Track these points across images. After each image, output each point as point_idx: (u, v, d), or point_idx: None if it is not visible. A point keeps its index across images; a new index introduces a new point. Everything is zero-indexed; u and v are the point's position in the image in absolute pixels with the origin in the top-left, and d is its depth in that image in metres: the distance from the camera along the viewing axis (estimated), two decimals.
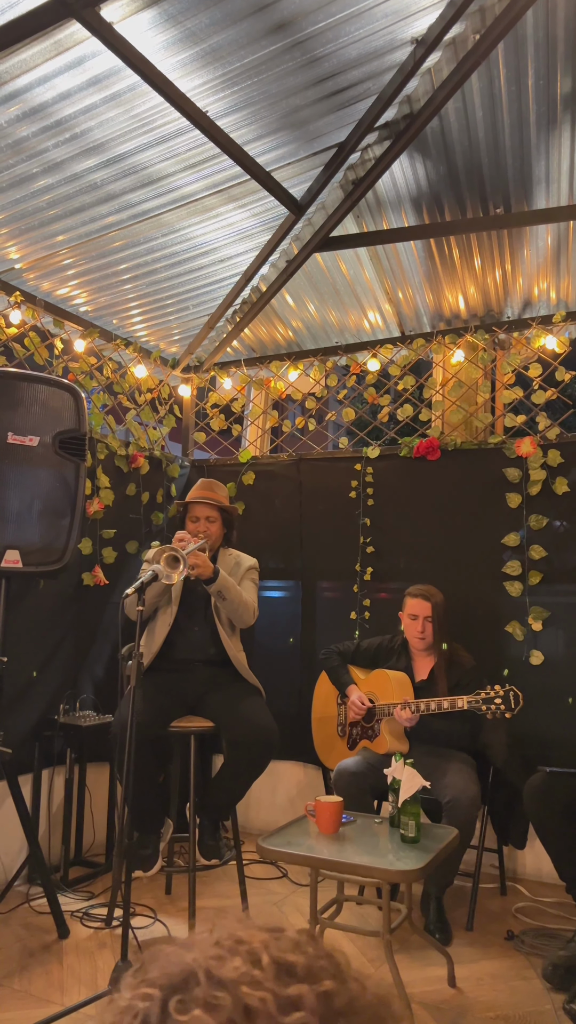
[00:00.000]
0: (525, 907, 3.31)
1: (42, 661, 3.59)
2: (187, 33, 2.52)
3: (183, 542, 3.05)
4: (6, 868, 3.21)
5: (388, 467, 4.15)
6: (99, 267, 3.76)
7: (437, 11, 2.61)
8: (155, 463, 4.41)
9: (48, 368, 3.84)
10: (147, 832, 3.01)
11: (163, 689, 3.06)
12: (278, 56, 2.64)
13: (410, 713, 3.13)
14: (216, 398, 4.81)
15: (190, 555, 2.88)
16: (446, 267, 3.98)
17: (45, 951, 2.79)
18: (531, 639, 3.68)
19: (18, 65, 2.55)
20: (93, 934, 2.95)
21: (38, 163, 3.02)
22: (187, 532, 3.23)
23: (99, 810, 3.77)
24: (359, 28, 2.58)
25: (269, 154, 3.18)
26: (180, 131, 2.93)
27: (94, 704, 3.79)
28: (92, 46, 2.50)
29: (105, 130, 2.89)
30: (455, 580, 3.75)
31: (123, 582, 3.91)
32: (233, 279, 4.08)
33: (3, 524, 2.77)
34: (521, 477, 3.78)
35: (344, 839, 2.60)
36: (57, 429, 2.89)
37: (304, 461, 4.38)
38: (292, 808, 4.00)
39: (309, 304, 4.39)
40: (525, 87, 2.89)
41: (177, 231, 3.58)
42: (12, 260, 3.59)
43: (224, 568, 3.24)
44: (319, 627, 4.19)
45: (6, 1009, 2.39)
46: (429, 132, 3.18)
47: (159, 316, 4.32)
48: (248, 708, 3.04)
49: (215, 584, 3.06)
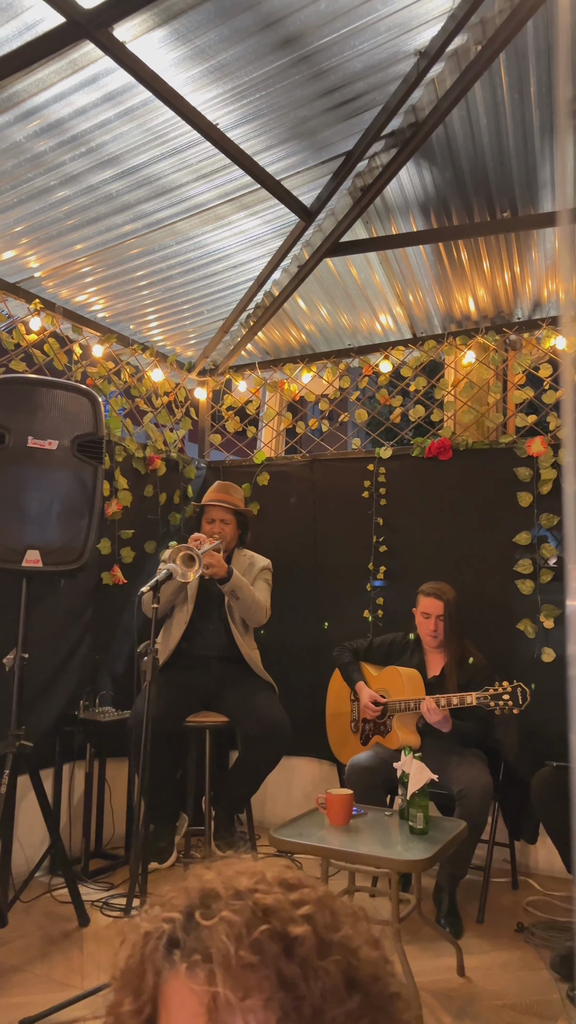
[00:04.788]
0: (536, 901, 3.36)
1: (62, 658, 3.69)
2: (197, 50, 2.60)
3: (198, 542, 3.13)
4: (29, 859, 3.30)
5: (400, 467, 4.20)
6: (116, 274, 3.86)
7: (439, 24, 2.68)
8: (172, 465, 4.50)
9: (67, 373, 3.94)
10: (163, 824, 3.09)
11: (179, 685, 3.14)
12: (286, 70, 2.72)
13: (437, 707, 3.16)
14: (231, 400, 4.89)
15: (205, 555, 2.96)
16: (455, 270, 4.03)
17: (66, 938, 2.89)
18: (543, 636, 3.71)
19: (36, 84, 2.65)
20: (112, 923, 3.03)
21: (56, 176, 3.11)
22: (203, 533, 3.32)
23: (118, 804, 3.86)
24: (364, 42, 2.65)
25: (279, 163, 3.27)
26: (192, 143, 3.02)
27: (113, 700, 3.88)
28: (106, 64, 2.59)
29: (120, 144, 2.99)
30: (467, 578, 3.79)
31: (141, 581, 4.00)
32: (246, 284, 4.16)
33: (24, 525, 2.87)
34: (532, 476, 3.82)
35: (354, 830, 2.67)
36: (75, 433, 2.97)
37: (318, 462, 4.45)
38: (307, 802, 4.05)
39: (321, 307, 4.46)
40: (527, 94, 2.94)
41: (191, 239, 3.67)
42: (32, 269, 3.69)
43: (238, 568, 3.32)
44: (333, 625, 4.24)
45: (29, 992, 2.49)
46: (435, 139, 3.24)
47: (175, 321, 4.42)
48: (261, 703, 3.12)
49: (228, 584, 3.14)
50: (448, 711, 3.18)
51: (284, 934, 0.64)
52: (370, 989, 0.66)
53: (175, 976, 0.65)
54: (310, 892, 0.68)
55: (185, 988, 0.63)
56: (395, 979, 0.69)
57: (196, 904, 0.67)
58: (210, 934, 0.63)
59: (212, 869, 0.72)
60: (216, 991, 0.61)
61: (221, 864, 0.72)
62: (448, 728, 3.20)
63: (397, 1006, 0.69)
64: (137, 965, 0.68)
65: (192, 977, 0.63)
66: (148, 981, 0.67)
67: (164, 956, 0.66)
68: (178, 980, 0.64)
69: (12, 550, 2.82)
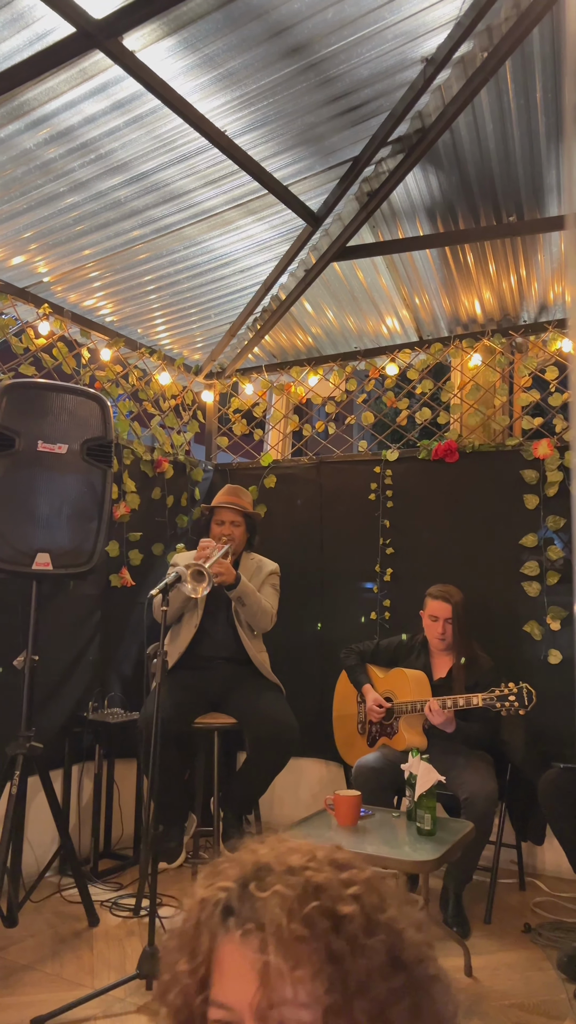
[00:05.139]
0: (543, 902, 3.37)
1: (72, 660, 3.72)
2: (205, 59, 2.63)
3: (207, 550, 3.14)
4: (39, 859, 3.33)
5: (407, 469, 4.21)
6: (124, 279, 3.89)
7: (446, 31, 2.70)
8: (179, 467, 4.52)
9: (75, 377, 3.97)
10: (171, 825, 3.12)
11: (187, 687, 3.17)
12: (293, 78, 2.75)
13: (441, 709, 3.18)
14: (238, 403, 4.92)
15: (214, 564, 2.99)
16: (461, 273, 4.05)
17: (76, 938, 2.91)
18: (549, 639, 3.73)
19: (46, 92, 2.68)
20: (122, 922, 3.06)
21: (65, 182, 3.14)
22: (212, 538, 3.35)
23: (127, 805, 3.89)
24: (370, 49, 2.68)
25: (286, 169, 3.29)
26: (200, 150, 3.05)
27: (122, 701, 3.91)
28: (115, 73, 2.62)
29: (128, 150, 3.02)
30: (473, 581, 3.80)
31: (149, 583, 4.03)
32: (253, 288, 4.19)
33: (34, 528, 2.90)
34: (538, 479, 3.83)
35: (362, 831, 2.69)
36: (85, 437, 3.00)
37: (324, 464, 4.47)
38: (315, 803, 4.08)
39: (328, 311, 4.49)
40: (534, 101, 2.96)
41: (199, 244, 3.70)
42: (41, 274, 3.72)
43: (246, 571, 3.35)
44: (339, 627, 4.26)
45: (40, 991, 2.51)
46: (441, 145, 3.26)
47: (182, 325, 4.45)
48: (269, 705, 3.14)
49: (236, 590, 3.17)
50: (452, 713, 3.19)
51: (334, 911, 0.68)
52: (413, 970, 0.69)
53: (229, 942, 0.69)
54: (359, 873, 0.72)
55: (239, 954, 0.68)
56: (436, 963, 0.72)
57: (250, 876, 0.71)
58: (264, 905, 0.68)
59: (266, 844, 0.76)
60: (268, 959, 0.65)
61: (274, 840, 0.77)
62: (452, 729, 3.22)
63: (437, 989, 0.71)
64: (193, 929, 0.72)
65: (246, 944, 0.67)
66: (203, 944, 0.71)
67: (220, 922, 0.70)
68: (232, 946, 0.69)
69: (22, 553, 2.85)
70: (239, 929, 0.68)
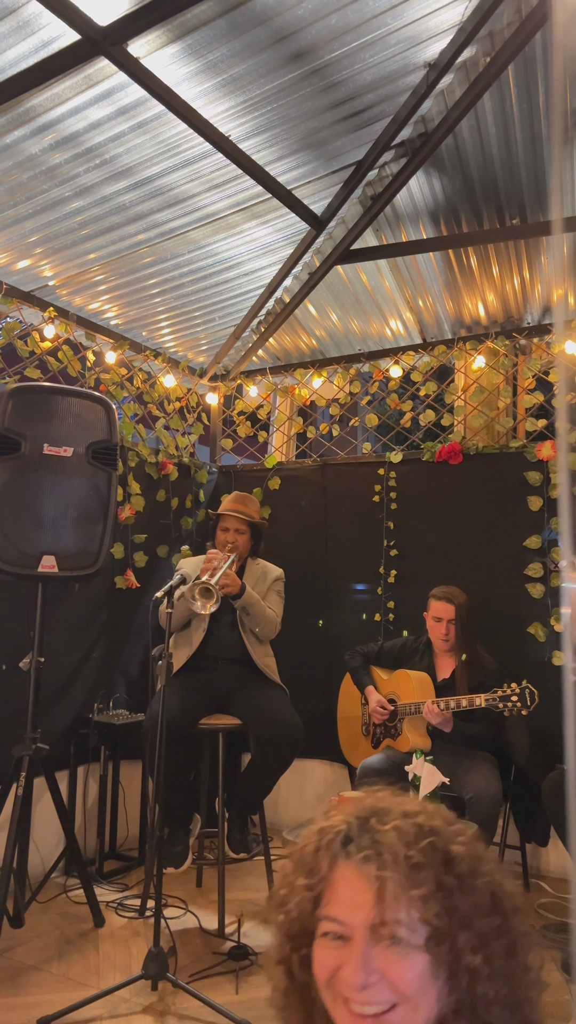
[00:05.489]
0: (548, 903, 3.37)
1: (77, 662, 3.74)
2: (209, 64, 2.65)
3: (213, 563, 3.16)
4: (44, 860, 3.35)
5: (411, 471, 4.23)
6: (129, 282, 3.91)
7: (448, 36, 2.71)
8: (184, 469, 4.54)
9: (80, 380, 3.99)
10: (177, 826, 3.13)
11: (192, 688, 3.18)
12: (297, 83, 2.76)
13: (438, 709, 3.20)
14: (243, 405, 4.93)
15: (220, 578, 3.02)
16: (465, 276, 4.06)
17: (82, 938, 2.93)
18: (553, 640, 3.73)
19: (51, 98, 2.70)
20: (127, 923, 3.07)
21: (70, 187, 3.16)
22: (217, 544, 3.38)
23: (132, 806, 3.90)
24: (374, 55, 2.69)
25: (290, 173, 3.31)
26: (204, 154, 3.07)
27: (127, 703, 3.92)
28: (120, 79, 2.64)
29: (133, 155, 3.04)
30: (477, 582, 3.81)
31: (154, 585, 4.05)
32: (257, 291, 4.21)
33: (40, 531, 2.91)
34: (542, 480, 3.84)
35: None
36: (90, 440, 3.02)
37: (328, 466, 4.48)
38: (319, 805, 4.10)
39: (331, 313, 4.50)
40: (536, 104, 2.98)
41: (203, 247, 3.72)
42: (46, 278, 3.74)
43: (251, 577, 3.37)
44: (344, 629, 4.28)
45: (46, 992, 2.53)
46: (444, 149, 3.28)
47: (187, 328, 4.47)
48: (274, 706, 3.16)
49: (240, 600, 3.19)
50: (450, 713, 3.20)
51: (446, 850, 0.77)
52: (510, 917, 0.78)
53: (348, 864, 0.78)
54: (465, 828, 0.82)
55: (357, 875, 0.77)
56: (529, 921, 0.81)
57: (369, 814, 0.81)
58: (383, 836, 0.77)
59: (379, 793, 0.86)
60: (386, 880, 0.74)
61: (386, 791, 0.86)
62: (449, 728, 3.23)
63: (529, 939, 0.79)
64: (313, 851, 0.81)
65: (365, 868, 0.76)
66: (323, 865, 0.80)
67: (340, 848, 0.79)
68: (350, 868, 0.78)
69: (28, 556, 2.87)
70: (359, 854, 0.77)
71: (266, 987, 2.72)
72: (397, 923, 0.73)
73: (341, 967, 0.76)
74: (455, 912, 0.74)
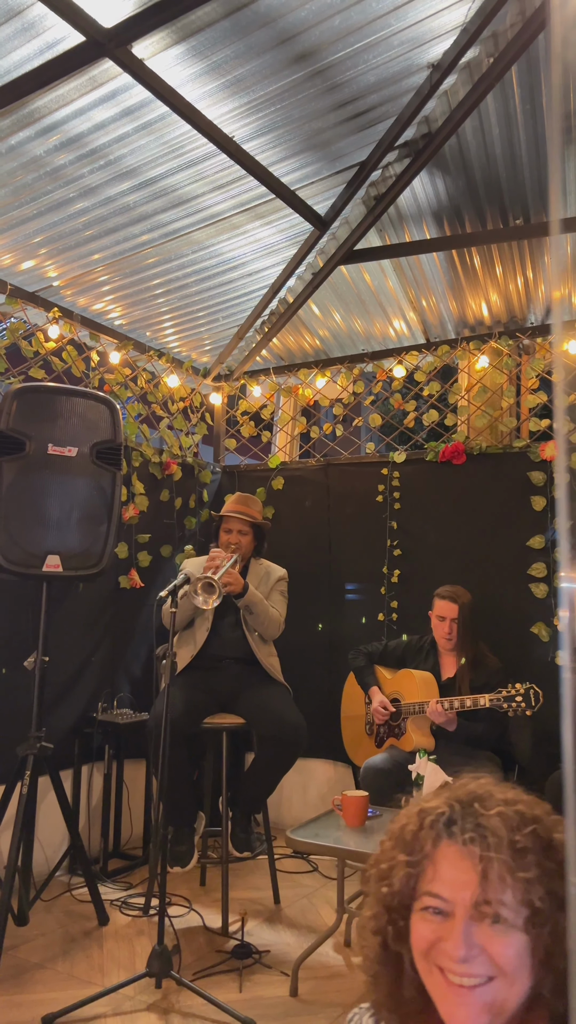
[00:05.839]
0: None
1: (81, 661, 3.75)
2: (213, 66, 2.66)
3: (216, 561, 3.17)
4: (49, 859, 3.36)
5: (414, 471, 4.23)
6: (133, 283, 3.92)
7: (452, 37, 2.72)
8: (187, 469, 4.55)
9: (85, 380, 4.00)
10: (181, 825, 3.14)
11: (196, 687, 3.19)
12: (300, 84, 2.77)
13: (442, 709, 3.20)
14: (246, 405, 4.94)
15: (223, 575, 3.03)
16: (468, 276, 4.07)
17: (86, 936, 2.94)
18: (556, 640, 3.73)
19: (56, 100, 2.71)
20: (131, 922, 3.08)
21: (75, 188, 3.18)
22: (220, 544, 3.39)
23: (136, 805, 3.91)
24: (377, 56, 2.70)
25: (294, 174, 3.32)
26: (208, 155, 3.08)
27: (131, 702, 3.93)
28: (124, 80, 2.65)
29: (137, 156, 3.05)
30: (481, 582, 3.81)
31: (158, 585, 4.06)
32: (261, 292, 4.22)
33: (44, 531, 2.92)
34: (546, 480, 3.84)
35: (370, 831, 2.71)
36: (94, 440, 3.03)
37: (332, 466, 4.49)
38: (323, 804, 4.11)
39: (335, 313, 4.51)
40: (539, 105, 2.98)
41: (207, 248, 3.73)
42: (51, 278, 3.76)
43: (254, 578, 3.38)
44: (347, 629, 4.28)
45: (51, 989, 2.54)
46: (447, 149, 3.28)
47: (191, 328, 4.48)
48: (277, 705, 3.16)
49: (243, 599, 3.20)
50: (454, 713, 3.21)
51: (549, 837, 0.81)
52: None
53: (451, 845, 0.81)
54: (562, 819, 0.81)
55: (460, 856, 0.80)
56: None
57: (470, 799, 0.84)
58: (487, 820, 0.81)
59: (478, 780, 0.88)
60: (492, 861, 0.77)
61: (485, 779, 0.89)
62: (454, 728, 3.24)
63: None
64: (415, 831, 0.85)
65: (469, 848, 0.79)
66: (425, 844, 0.83)
67: (443, 829, 0.82)
68: (454, 848, 0.81)
69: (33, 555, 2.88)
70: (463, 835, 0.80)
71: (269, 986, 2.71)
72: (500, 903, 0.78)
73: (441, 940, 0.81)
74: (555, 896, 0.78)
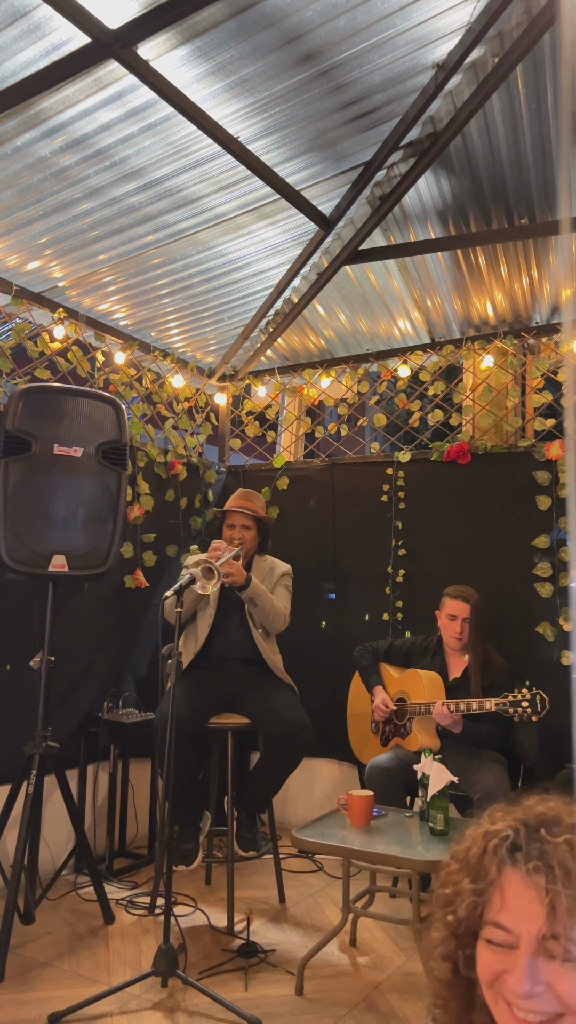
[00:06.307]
0: None
1: (87, 660, 3.76)
2: (218, 66, 2.66)
3: (218, 551, 3.17)
4: (55, 858, 3.37)
5: (419, 471, 4.23)
6: (138, 283, 3.93)
7: (457, 37, 2.72)
8: (192, 469, 4.56)
9: (90, 380, 4.01)
10: (186, 824, 3.14)
11: (202, 687, 3.20)
12: (305, 84, 2.77)
13: (448, 711, 3.20)
14: (251, 405, 4.94)
15: (224, 564, 3.02)
16: (473, 275, 4.06)
17: (92, 935, 2.95)
18: (561, 639, 3.73)
19: (61, 101, 2.72)
20: (137, 921, 3.09)
21: (80, 189, 3.18)
22: (223, 540, 3.38)
23: (142, 804, 3.92)
24: (382, 56, 2.70)
25: (298, 174, 3.32)
26: (213, 156, 3.08)
27: (136, 702, 3.94)
28: (130, 81, 2.66)
29: (142, 157, 3.05)
30: (486, 582, 3.80)
31: (163, 584, 4.07)
32: (266, 292, 4.22)
33: (50, 531, 2.94)
34: (551, 480, 3.84)
35: (375, 831, 2.71)
36: (100, 440, 3.04)
37: (337, 466, 4.49)
38: (328, 803, 4.11)
39: (340, 313, 4.51)
40: (545, 104, 2.97)
41: (212, 248, 3.73)
42: (56, 279, 3.77)
43: (258, 574, 3.38)
44: (352, 628, 4.29)
45: (57, 988, 2.55)
46: (452, 149, 3.28)
47: (196, 328, 4.48)
48: (282, 705, 3.17)
49: (247, 591, 3.20)
50: (459, 716, 3.21)
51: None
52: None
53: (516, 872, 0.77)
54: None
55: (525, 884, 0.75)
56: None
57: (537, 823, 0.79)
58: (554, 848, 0.75)
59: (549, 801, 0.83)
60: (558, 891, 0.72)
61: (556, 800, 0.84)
62: (459, 730, 3.24)
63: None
64: (479, 855, 0.80)
65: (534, 878, 0.75)
66: (490, 870, 0.79)
67: (507, 855, 0.78)
68: (518, 876, 0.76)
69: (39, 555, 2.89)
70: (528, 863, 0.76)
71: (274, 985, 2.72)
72: (568, 939, 0.73)
73: (506, 972, 0.76)
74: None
